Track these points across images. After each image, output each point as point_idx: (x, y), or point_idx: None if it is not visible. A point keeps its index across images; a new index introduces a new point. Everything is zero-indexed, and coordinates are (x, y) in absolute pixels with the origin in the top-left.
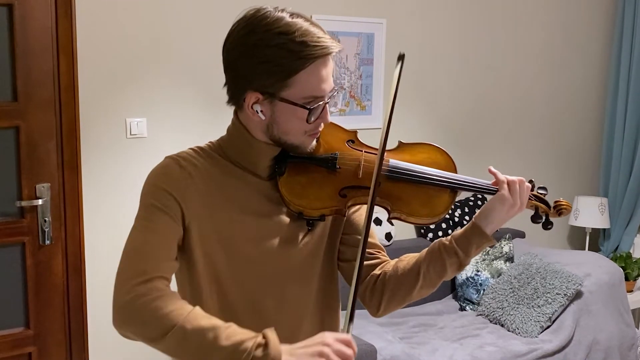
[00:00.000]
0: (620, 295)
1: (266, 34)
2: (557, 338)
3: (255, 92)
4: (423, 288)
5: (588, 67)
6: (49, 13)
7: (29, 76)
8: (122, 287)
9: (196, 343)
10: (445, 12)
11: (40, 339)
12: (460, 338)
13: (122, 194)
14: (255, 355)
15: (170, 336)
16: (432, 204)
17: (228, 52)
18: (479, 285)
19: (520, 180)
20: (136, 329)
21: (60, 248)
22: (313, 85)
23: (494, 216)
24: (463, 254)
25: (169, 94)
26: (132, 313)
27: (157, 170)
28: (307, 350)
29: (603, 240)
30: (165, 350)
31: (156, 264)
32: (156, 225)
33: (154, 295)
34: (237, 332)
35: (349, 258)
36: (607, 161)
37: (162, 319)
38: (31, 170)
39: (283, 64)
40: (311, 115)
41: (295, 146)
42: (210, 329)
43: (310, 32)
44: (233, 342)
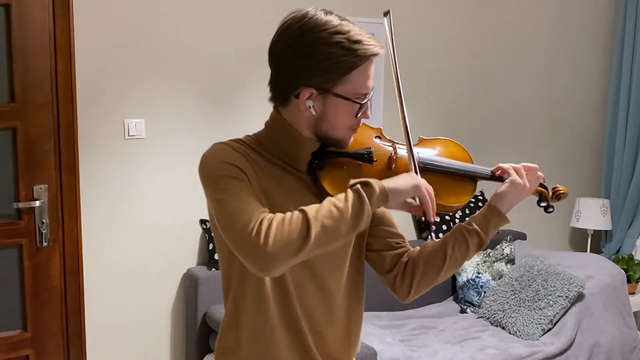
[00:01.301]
0: (622, 297)
1: (323, 33)
2: (558, 341)
3: (310, 87)
4: (449, 269)
5: (590, 67)
6: (47, 13)
7: (27, 76)
8: (248, 241)
9: (329, 221)
10: (446, 12)
11: (38, 342)
12: (460, 340)
13: (120, 195)
14: (368, 194)
15: (312, 232)
16: (458, 192)
17: (282, 51)
18: (479, 288)
19: (525, 166)
20: (286, 253)
21: (58, 250)
22: (363, 82)
23: (507, 198)
24: (483, 234)
25: (168, 94)
26: (273, 247)
27: (214, 151)
28: (402, 177)
29: (605, 242)
30: (315, 246)
31: (259, 208)
32: (239, 189)
33: (272, 223)
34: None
35: (376, 248)
36: (609, 162)
37: (295, 229)
38: (28, 171)
39: (343, 61)
40: (360, 109)
41: (339, 141)
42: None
43: (361, 32)
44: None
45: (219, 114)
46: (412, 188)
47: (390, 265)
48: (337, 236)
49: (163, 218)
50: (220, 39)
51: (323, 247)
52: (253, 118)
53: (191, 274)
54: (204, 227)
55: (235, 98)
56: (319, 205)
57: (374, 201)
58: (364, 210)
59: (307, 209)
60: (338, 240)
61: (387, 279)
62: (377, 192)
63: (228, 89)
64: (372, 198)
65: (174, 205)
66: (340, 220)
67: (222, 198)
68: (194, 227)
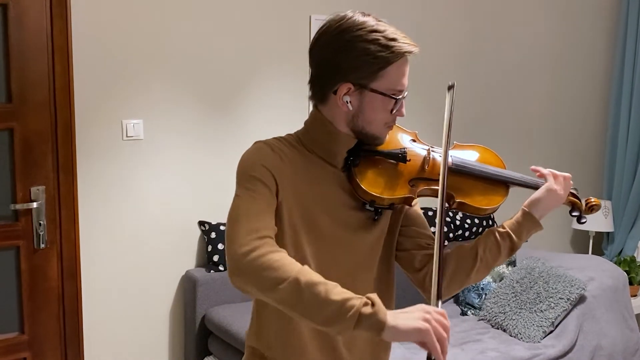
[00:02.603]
0: (624, 299)
1: (361, 31)
2: (560, 343)
3: (347, 83)
4: (479, 271)
5: (592, 70)
6: (44, 13)
7: (24, 77)
8: (238, 242)
9: (308, 295)
10: (447, 13)
11: (35, 344)
12: (461, 343)
13: (118, 197)
14: (363, 312)
15: (285, 286)
16: (490, 196)
17: (322, 49)
18: (480, 290)
19: (563, 175)
20: (252, 279)
21: (56, 252)
22: (399, 78)
23: (543, 204)
24: (516, 238)
25: (166, 95)
26: (248, 264)
27: (252, 151)
28: (411, 315)
29: (607, 244)
30: (277, 301)
31: (265, 224)
32: (259, 194)
33: (268, 249)
34: (344, 290)
35: (406, 248)
36: (610, 164)
37: (277, 270)
38: (26, 172)
39: (380, 56)
40: (395, 106)
41: (375, 137)
42: (321, 284)
43: (396, 32)
44: (342, 298)
45: (218, 114)
46: (415, 331)
47: (420, 264)
48: (302, 313)
49: (161, 219)
50: (219, 39)
51: (288, 310)
52: (251, 119)
53: (190, 276)
54: (202, 228)
55: (234, 99)
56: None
57: (364, 324)
58: (345, 322)
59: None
60: (300, 317)
61: (416, 279)
62: (372, 320)
63: (227, 90)
64: (364, 319)
65: (172, 206)
66: (316, 307)
67: (240, 194)
68: (193, 228)
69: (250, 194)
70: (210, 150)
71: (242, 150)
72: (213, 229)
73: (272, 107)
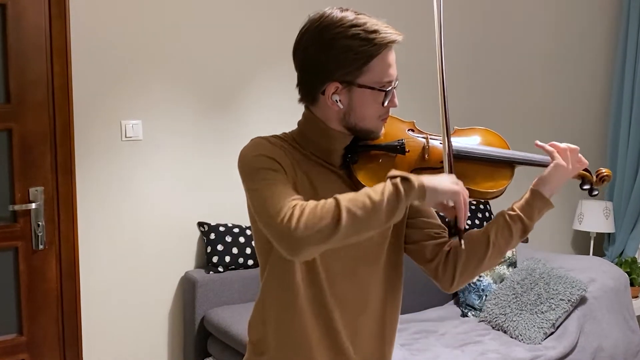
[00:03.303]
0: (625, 301)
1: (340, 28)
2: (560, 345)
3: (335, 82)
4: (492, 256)
5: (592, 70)
6: (43, 13)
7: (22, 77)
8: (277, 220)
9: (362, 211)
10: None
11: (34, 346)
12: (462, 345)
13: (117, 198)
14: (407, 192)
15: (342, 221)
16: (495, 178)
17: (305, 51)
18: (481, 291)
19: (568, 147)
20: (314, 239)
21: (54, 253)
22: (385, 70)
23: (552, 181)
24: (527, 219)
25: (165, 95)
26: (302, 230)
27: (251, 146)
28: (444, 179)
29: (608, 244)
30: (345, 236)
31: (292, 195)
32: (275, 179)
33: (304, 209)
34: (376, 187)
35: (416, 240)
36: (611, 165)
37: (325, 215)
38: (24, 173)
39: (362, 51)
40: (386, 98)
41: (370, 131)
42: (359, 195)
43: (377, 22)
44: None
45: (217, 115)
46: (451, 191)
47: (431, 254)
48: (367, 227)
49: (160, 220)
50: (218, 40)
51: (353, 237)
52: (251, 119)
53: (189, 277)
54: (201, 229)
55: (233, 99)
56: (354, 194)
57: (411, 197)
58: (399, 206)
59: (341, 198)
60: (368, 231)
61: (429, 269)
62: (416, 189)
63: (226, 91)
64: (409, 194)
65: (171, 207)
66: (373, 212)
67: (257, 187)
68: (192, 229)
69: (265, 183)
70: (210, 151)
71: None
72: (212, 229)
73: (271, 108)
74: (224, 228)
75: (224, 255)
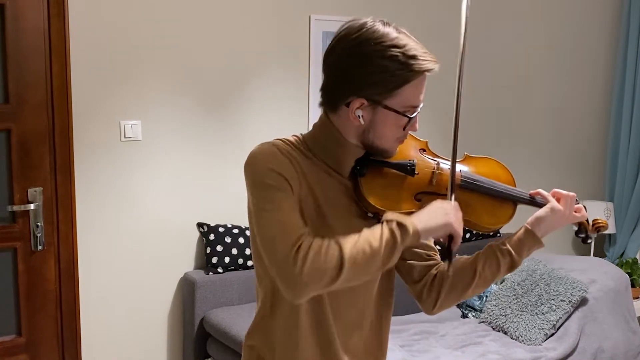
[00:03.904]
0: (626, 302)
1: (380, 46)
2: (561, 346)
3: (361, 98)
4: (478, 286)
5: (593, 71)
6: (41, 13)
7: (21, 78)
8: (286, 262)
9: (362, 259)
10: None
11: (33, 347)
12: (462, 346)
13: (116, 198)
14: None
15: (345, 268)
16: (497, 214)
17: (337, 60)
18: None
19: (568, 194)
20: (318, 284)
21: (53, 253)
22: (415, 96)
23: (546, 223)
24: (516, 256)
25: (164, 96)
26: (307, 277)
27: (263, 154)
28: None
29: (608, 245)
30: (345, 281)
31: (297, 228)
32: (282, 203)
33: (308, 253)
34: (373, 230)
35: (406, 258)
36: (612, 165)
37: (329, 263)
38: (23, 174)
39: (397, 74)
40: (408, 122)
41: (385, 151)
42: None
43: (417, 47)
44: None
45: (216, 116)
46: (443, 227)
47: (419, 275)
48: (366, 273)
49: (159, 221)
50: (218, 40)
51: (353, 281)
52: (250, 120)
53: (188, 278)
54: (201, 230)
55: (232, 100)
56: (356, 239)
57: (406, 242)
58: (394, 252)
59: (344, 243)
60: (367, 276)
61: (414, 290)
62: (410, 234)
63: (225, 91)
64: (405, 239)
65: (170, 208)
66: (372, 259)
67: (268, 209)
68: (191, 230)
69: (273, 207)
70: (209, 152)
71: (240, 151)
72: (212, 230)
73: (270, 108)
74: (224, 229)
75: (224, 256)
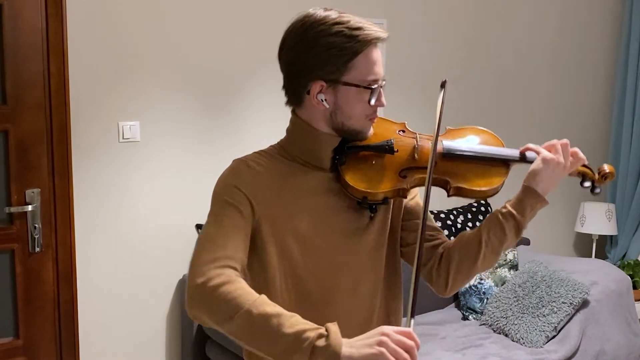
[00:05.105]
0: (628, 304)
1: (324, 26)
2: (562, 348)
3: (319, 80)
4: (486, 257)
5: (595, 72)
6: (39, 13)
7: (19, 78)
8: (196, 271)
9: (261, 328)
10: (448, 13)
11: (30, 349)
12: (462, 348)
13: (114, 200)
14: (317, 345)
15: (237, 319)
16: (488, 177)
17: (288, 52)
18: (482, 294)
19: (560, 142)
20: (206, 310)
21: (51, 255)
22: (369, 67)
23: (542, 176)
24: (519, 216)
25: (163, 96)
26: (203, 295)
27: (227, 172)
28: (366, 341)
29: (610, 247)
30: (232, 333)
31: (228, 253)
32: (228, 218)
33: (224, 279)
34: (300, 321)
35: (410, 242)
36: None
37: (230, 302)
38: (21, 175)
39: (345, 47)
40: (372, 96)
41: (357, 131)
42: (274, 316)
43: (362, 21)
44: (296, 330)
45: (215, 116)
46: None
47: (425, 257)
48: (256, 346)
49: (158, 223)
50: (217, 41)
51: (241, 341)
52: (249, 120)
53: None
54: (200, 232)
55: (231, 100)
56: (274, 312)
57: (318, 357)
58: (295, 355)
59: (258, 304)
60: (257, 348)
61: (423, 273)
62: (327, 353)
63: (224, 92)
64: (316, 351)
65: (169, 209)
66: (269, 338)
67: (213, 220)
68: (190, 232)
69: (218, 219)
70: (208, 153)
71: (239, 152)
72: None
73: (269, 109)
74: None
75: None
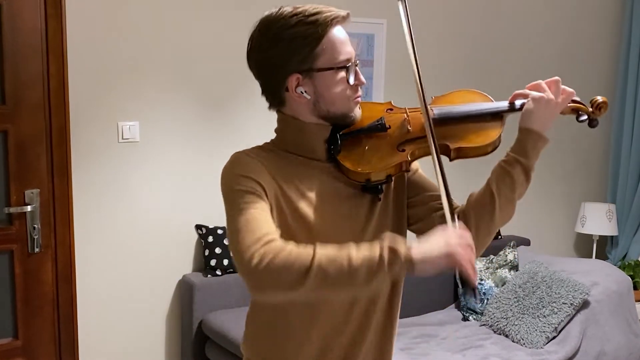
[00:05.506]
0: (628, 304)
1: (282, 21)
2: (563, 349)
3: (293, 74)
4: (502, 209)
5: (596, 72)
6: (38, 13)
7: (18, 78)
8: (245, 258)
9: (334, 271)
10: (448, 12)
11: (29, 350)
12: (463, 349)
13: (113, 200)
14: (390, 263)
15: (309, 278)
16: (485, 131)
17: (257, 54)
18: (482, 295)
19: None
20: (276, 285)
21: (50, 256)
22: (337, 47)
23: (536, 115)
24: (523, 158)
25: (162, 97)
26: (265, 273)
27: (229, 165)
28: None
29: (611, 247)
30: (308, 292)
31: (264, 230)
32: (248, 204)
33: (276, 250)
34: (362, 249)
35: (422, 217)
36: (614, 167)
37: (294, 265)
38: (20, 175)
39: (308, 34)
40: (349, 74)
41: (344, 115)
42: (339, 257)
43: (317, 6)
44: (365, 258)
45: (215, 116)
46: (445, 258)
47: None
48: (339, 289)
49: (158, 223)
50: (216, 41)
51: (323, 294)
52: (249, 120)
53: (187, 281)
54: (199, 232)
55: (231, 101)
56: (338, 250)
57: (394, 270)
58: (377, 276)
59: (320, 252)
60: (341, 292)
61: None
62: (401, 261)
63: (223, 92)
64: (392, 266)
65: (169, 210)
66: (347, 276)
67: (235, 210)
68: (190, 232)
69: (241, 207)
70: (207, 153)
71: None
72: (210, 232)
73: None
74: (222, 231)
75: (222, 258)
